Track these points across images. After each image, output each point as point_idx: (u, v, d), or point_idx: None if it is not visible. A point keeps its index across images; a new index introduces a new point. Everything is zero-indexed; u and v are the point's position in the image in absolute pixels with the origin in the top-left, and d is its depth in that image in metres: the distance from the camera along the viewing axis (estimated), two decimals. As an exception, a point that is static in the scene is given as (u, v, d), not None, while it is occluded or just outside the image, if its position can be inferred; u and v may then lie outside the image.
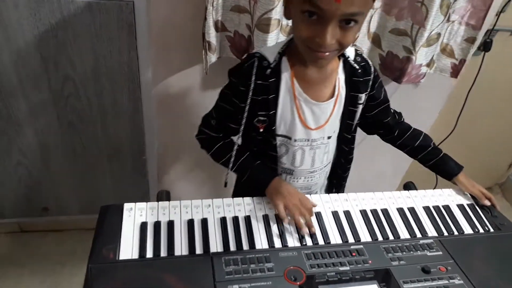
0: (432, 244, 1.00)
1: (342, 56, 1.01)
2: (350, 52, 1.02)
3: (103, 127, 1.52)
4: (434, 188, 1.19)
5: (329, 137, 1.08)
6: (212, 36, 1.32)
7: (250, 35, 1.32)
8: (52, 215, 1.77)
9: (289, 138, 1.05)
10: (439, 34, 1.42)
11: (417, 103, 1.77)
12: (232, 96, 1.02)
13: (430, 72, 1.59)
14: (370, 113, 1.12)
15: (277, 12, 1.24)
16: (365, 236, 1.01)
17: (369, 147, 1.68)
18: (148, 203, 1.02)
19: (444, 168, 1.20)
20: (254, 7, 1.24)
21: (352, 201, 1.10)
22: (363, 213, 1.06)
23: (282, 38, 1.38)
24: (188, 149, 1.73)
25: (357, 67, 1.02)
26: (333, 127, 1.07)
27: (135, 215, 0.99)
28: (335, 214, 1.05)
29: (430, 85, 1.70)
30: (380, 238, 1.01)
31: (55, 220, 1.83)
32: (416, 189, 1.23)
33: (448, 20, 1.43)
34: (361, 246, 0.97)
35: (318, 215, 1.04)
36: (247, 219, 1.00)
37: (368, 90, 1.06)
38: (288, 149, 1.07)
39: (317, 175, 1.14)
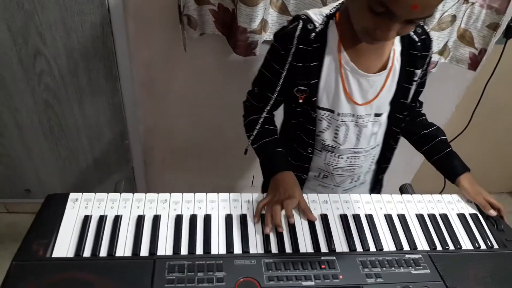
0: (420, 260, 0.85)
1: None
2: None
3: (81, 108, 1.42)
4: (441, 193, 1.03)
5: (377, 115, 0.96)
6: (192, 9, 1.19)
7: (234, 9, 1.18)
8: (34, 197, 1.70)
9: (332, 112, 0.94)
10: (454, 17, 1.23)
11: (431, 96, 1.58)
12: (272, 61, 0.93)
13: (445, 62, 1.40)
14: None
15: (262, -16, 1.09)
16: (341, 246, 0.86)
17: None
18: (97, 194, 0.91)
19: (446, 167, 1.04)
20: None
21: (333, 203, 0.95)
22: (343, 218, 0.92)
23: (273, 13, 1.23)
24: (177, 134, 1.62)
25: (417, 39, 0.91)
26: (384, 104, 0.95)
27: (79, 206, 0.88)
28: (324, 217, 0.91)
29: (445, 77, 1.52)
30: (359, 248, 0.86)
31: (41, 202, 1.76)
32: (413, 193, 1.08)
33: (466, 1, 1.25)
34: (334, 258, 0.83)
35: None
36: (207, 219, 0.88)
37: (424, 67, 0.94)
38: (330, 124, 0.96)
39: (362, 157, 1.02)
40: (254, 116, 1.01)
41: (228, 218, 0.88)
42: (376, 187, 1.15)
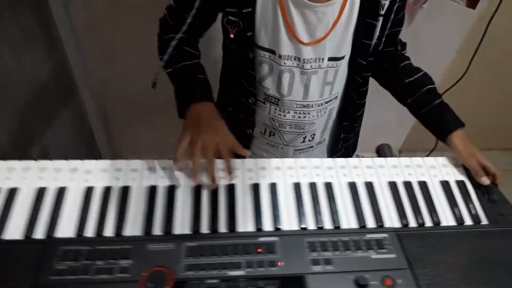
0: (385, 241, 0.68)
1: None
2: None
3: (16, 61, 1.23)
4: (429, 155, 0.84)
5: (333, 59, 0.76)
6: None
7: None
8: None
9: (273, 53, 0.75)
10: None
11: (426, 39, 1.36)
12: None
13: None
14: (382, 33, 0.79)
15: None
16: (290, 222, 0.70)
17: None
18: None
19: (435, 122, 0.85)
20: None
21: (286, 169, 0.78)
22: (296, 187, 0.74)
23: None
24: (133, 86, 1.43)
25: None
26: (340, 45, 0.76)
27: (-32, 178, 0.72)
28: (255, 188, 0.74)
29: (443, 16, 1.28)
30: (310, 226, 0.69)
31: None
32: (392, 155, 0.89)
33: None
34: (276, 239, 0.67)
35: (231, 188, 0.73)
36: (125, 192, 0.71)
37: None
38: (272, 69, 0.78)
39: (313, 112, 0.84)
40: (170, 35, 0.80)
41: (152, 191, 0.72)
42: (336, 148, 0.96)
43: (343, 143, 0.95)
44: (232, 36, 0.74)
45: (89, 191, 0.71)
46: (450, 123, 0.82)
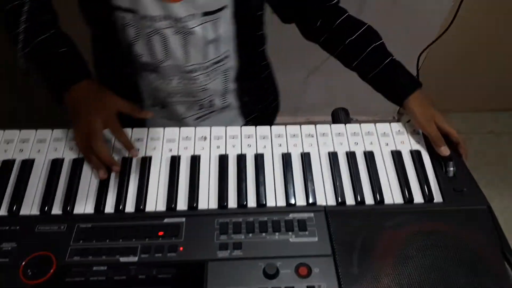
0: (309, 221, 0.58)
1: None
2: None
3: None
4: (398, 118, 0.73)
5: (207, 13, 0.65)
6: None
7: None
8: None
9: (135, 13, 0.63)
10: None
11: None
12: None
13: None
14: None
15: None
16: (208, 200, 0.61)
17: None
18: None
19: (388, 85, 0.72)
20: None
21: (214, 139, 0.68)
22: (221, 159, 0.65)
23: None
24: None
25: None
26: None
27: None
28: (172, 161, 0.65)
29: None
30: (231, 204, 0.61)
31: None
32: (347, 121, 0.78)
33: None
34: (182, 220, 0.58)
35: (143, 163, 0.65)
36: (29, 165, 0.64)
37: None
38: (139, 32, 0.66)
39: (201, 76, 0.73)
40: (14, 2, 0.66)
41: (54, 163, 0.64)
42: (249, 111, 0.85)
43: (257, 105, 0.84)
44: None
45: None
46: (404, 85, 0.70)
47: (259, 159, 0.65)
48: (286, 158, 0.65)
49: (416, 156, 0.66)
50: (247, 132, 0.69)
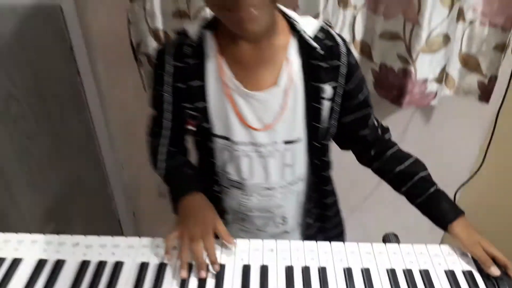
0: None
1: (296, 31, 0.75)
2: (308, 25, 0.76)
3: (57, 154, 1.38)
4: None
5: (286, 142, 0.79)
6: (151, 48, 1.13)
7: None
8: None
9: (228, 140, 0.79)
10: (447, 37, 1.06)
11: (449, 138, 1.37)
12: (155, 83, 0.81)
13: (450, 94, 1.20)
14: (346, 119, 0.83)
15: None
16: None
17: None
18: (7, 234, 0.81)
19: (433, 211, 0.82)
20: (189, 5, 1.04)
21: (279, 252, 0.76)
22: (288, 271, 0.72)
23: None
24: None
25: (317, 46, 0.74)
26: (292, 129, 0.79)
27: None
28: (245, 269, 0.73)
29: (460, 113, 1.31)
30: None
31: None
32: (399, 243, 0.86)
33: (462, 19, 1.08)
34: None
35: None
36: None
37: (342, 82, 0.77)
38: (231, 155, 0.81)
39: (278, 194, 0.84)
40: (153, 140, 0.87)
41: (141, 268, 0.73)
42: (311, 235, 0.93)
43: (318, 231, 0.93)
44: (191, 127, 0.79)
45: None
46: (448, 212, 0.80)
47: (321, 272, 0.72)
48: (348, 273, 0.72)
49: (468, 275, 0.72)
50: (313, 247, 0.77)
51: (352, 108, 0.81)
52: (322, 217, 0.93)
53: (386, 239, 0.89)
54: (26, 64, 1.19)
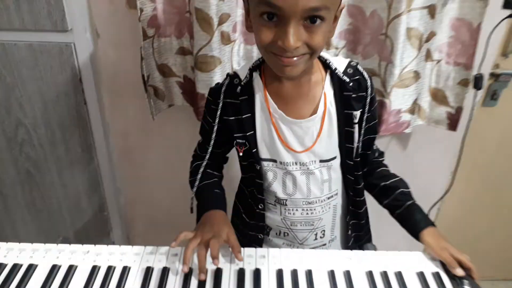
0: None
1: (329, 68, 0.89)
2: (339, 63, 0.90)
3: (60, 178, 1.46)
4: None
5: (323, 161, 0.92)
6: (157, 80, 1.26)
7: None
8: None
9: (275, 161, 0.92)
10: (416, 73, 1.21)
11: (421, 165, 1.50)
12: (206, 114, 0.97)
13: (422, 123, 1.35)
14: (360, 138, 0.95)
15: (214, 49, 1.14)
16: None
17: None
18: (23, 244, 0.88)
19: (408, 221, 0.94)
20: (192, 44, 1.17)
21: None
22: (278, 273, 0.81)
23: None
24: (158, 205, 1.60)
25: (348, 80, 0.88)
26: (329, 150, 0.92)
27: (-2, 256, 0.85)
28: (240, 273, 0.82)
29: (432, 141, 1.45)
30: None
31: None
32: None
33: (431, 59, 1.23)
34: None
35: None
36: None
37: (366, 108, 0.91)
38: (276, 174, 0.93)
39: (318, 207, 0.95)
40: (198, 163, 1.01)
41: (146, 273, 0.81)
42: (348, 246, 1.03)
43: (354, 241, 1.03)
44: (241, 154, 0.92)
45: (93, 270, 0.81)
46: (421, 222, 0.91)
47: (308, 275, 0.81)
48: (332, 274, 0.82)
49: (436, 276, 0.82)
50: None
51: (366, 131, 0.94)
52: (357, 227, 1.03)
53: (365, 248, 0.99)
54: (37, 94, 1.31)
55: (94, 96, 1.32)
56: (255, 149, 0.91)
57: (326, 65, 0.89)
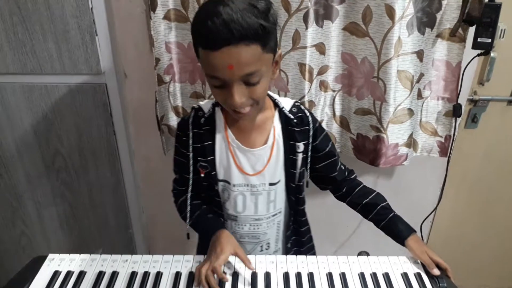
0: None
1: (278, 106, 1.06)
2: (286, 103, 1.07)
3: (90, 199, 1.65)
4: None
5: (271, 184, 1.08)
6: (172, 120, 1.46)
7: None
8: None
9: (228, 183, 1.07)
10: (410, 111, 1.35)
11: (413, 189, 1.67)
12: (180, 147, 1.08)
13: (416, 155, 1.50)
14: (318, 166, 1.12)
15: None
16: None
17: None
18: (72, 254, 1.06)
19: (393, 232, 1.09)
20: (204, 89, 1.37)
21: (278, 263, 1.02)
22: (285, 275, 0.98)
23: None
24: (177, 224, 1.77)
25: (292, 117, 1.05)
26: (275, 174, 1.07)
27: (54, 264, 1.03)
28: (253, 277, 0.98)
29: (423, 168, 1.61)
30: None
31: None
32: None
33: (420, 97, 1.39)
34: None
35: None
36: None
37: (310, 140, 1.07)
38: (229, 194, 1.09)
39: (263, 223, 1.12)
40: (182, 198, 1.13)
41: (176, 277, 0.98)
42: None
43: (294, 254, 1.17)
44: (202, 175, 1.05)
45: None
46: (404, 231, 1.06)
47: (309, 276, 0.98)
48: (330, 276, 0.98)
49: (418, 276, 0.98)
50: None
51: (321, 157, 1.11)
52: (298, 243, 1.19)
53: (359, 254, 1.15)
54: (73, 127, 1.51)
55: (122, 128, 1.51)
56: (214, 172, 1.06)
57: (275, 104, 1.05)
